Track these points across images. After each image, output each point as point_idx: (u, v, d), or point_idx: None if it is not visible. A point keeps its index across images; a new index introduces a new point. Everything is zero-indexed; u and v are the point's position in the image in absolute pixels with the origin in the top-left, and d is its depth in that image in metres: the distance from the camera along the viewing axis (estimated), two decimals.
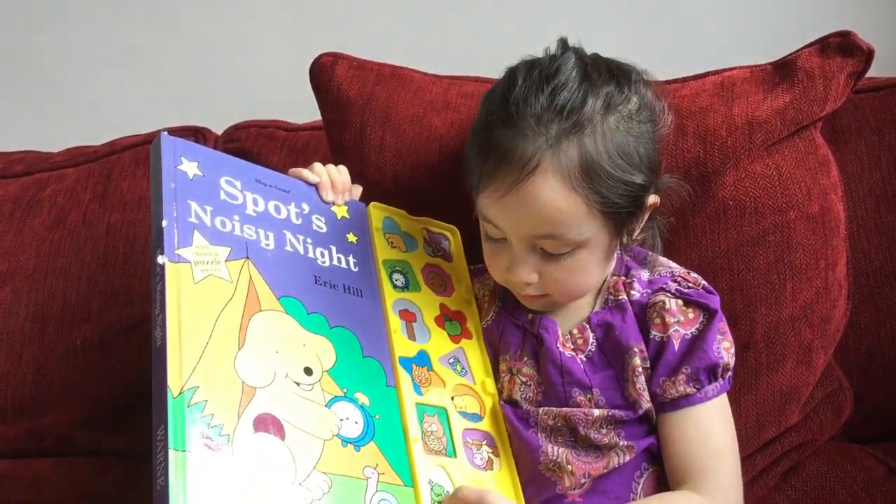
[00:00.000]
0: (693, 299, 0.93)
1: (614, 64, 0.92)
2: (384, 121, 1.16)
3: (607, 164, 0.84)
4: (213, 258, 0.84)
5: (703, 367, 0.90)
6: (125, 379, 1.31)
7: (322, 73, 1.22)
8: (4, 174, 1.51)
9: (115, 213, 1.39)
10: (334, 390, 0.84)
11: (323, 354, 0.86)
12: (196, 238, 0.85)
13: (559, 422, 0.91)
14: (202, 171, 0.91)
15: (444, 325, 0.99)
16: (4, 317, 1.35)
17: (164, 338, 0.76)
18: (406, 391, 0.90)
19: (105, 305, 1.33)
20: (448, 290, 1.04)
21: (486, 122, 0.90)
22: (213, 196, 0.90)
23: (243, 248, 0.88)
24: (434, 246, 1.08)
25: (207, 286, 0.82)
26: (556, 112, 0.84)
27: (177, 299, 0.78)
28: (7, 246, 1.40)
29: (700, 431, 0.90)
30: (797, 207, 1.06)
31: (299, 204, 0.99)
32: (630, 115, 0.88)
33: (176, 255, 0.82)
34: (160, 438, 0.71)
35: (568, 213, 0.85)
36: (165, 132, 0.92)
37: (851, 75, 1.08)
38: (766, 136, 1.06)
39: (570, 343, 0.95)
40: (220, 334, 0.79)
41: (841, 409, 1.15)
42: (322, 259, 0.95)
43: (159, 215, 0.84)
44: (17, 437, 1.33)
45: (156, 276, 0.81)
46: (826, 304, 1.07)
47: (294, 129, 1.48)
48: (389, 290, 0.98)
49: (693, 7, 1.61)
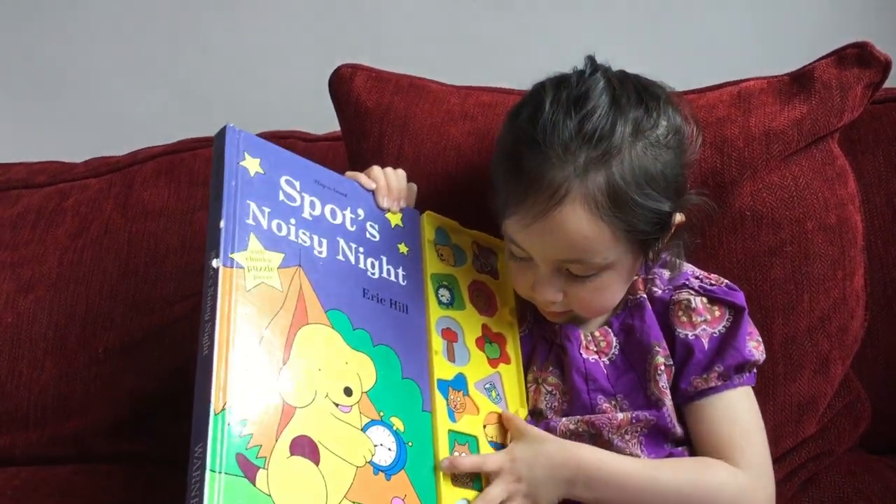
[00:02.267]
0: (718, 297, 0.94)
1: (642, 85, 0.90)
2: (402, 131, 1.17)
3: (635, 193, 0.84)
4: (266, 264, 0.81)
5: (735, 364, 0.91)
6: (146, 386, 1.32)
7: (341, 83, 1.23)
8: (28, 184, 1.53)
9: (136, 223, 1.40)
10: (371, 413, 0.82)
11: (364, 374, 0.84)
12: (252, 242, 0.82)
13: (581, 427, 0.92)
14: (264, 169, 0.87)
15: (485, 347, 0.97)
16: (27, 325, 1.37)
17: (212, 348, 0.73)
18: (440, 417, 0.87)
19: (126, 314, 1.35)
20: (491, 309, 1.01)
21: (513, 146, 0.89)
22: (272, 196, 0.87)
23: (296, 254, 0.85)
24: (482, 261, 1.04)
25: (259, 295, 0.79)
26: (584, 140, 0.83)
27: (228, 307, 0.76)
28: (30, 255, 1.42)
29: (729, 412, 0.92)
30: (814, 218, 1.06)
31: (355, 209, 0.95)
32: (657, 140, 0.87)
33: (230, 259, 0.79)
34: (198, 455, 0.70)
35: (594, 241, 0.85)
36: (232, 124, 0.87)
37: (868, 86, 1.08)
38: (783, 146, 1.06)
39: (592, 346, 0.96)
40: (267, 348, 0.77)
41: (858, 419, 1.14)
42: (372, 270, 0.92)
43: (217, 214, 0.81)
44: (40, 444, 1.34)
45: (208, 280, 0.78)
46: (844, 315, 1.07)
47: (313, 140, 1.49)
48: (434, 307, 0.95)
49: (710, 18, 1.61)
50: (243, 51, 1.76)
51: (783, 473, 1.08)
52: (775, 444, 1.05)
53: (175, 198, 1.42)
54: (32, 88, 1.85)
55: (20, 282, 1.40)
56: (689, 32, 1.61)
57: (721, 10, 1.61)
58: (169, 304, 1.34)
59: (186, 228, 1.38)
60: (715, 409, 0.92)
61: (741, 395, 0.93)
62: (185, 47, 1.79)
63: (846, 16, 1.55)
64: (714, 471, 0.88)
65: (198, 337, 0.76)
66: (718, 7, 1.61)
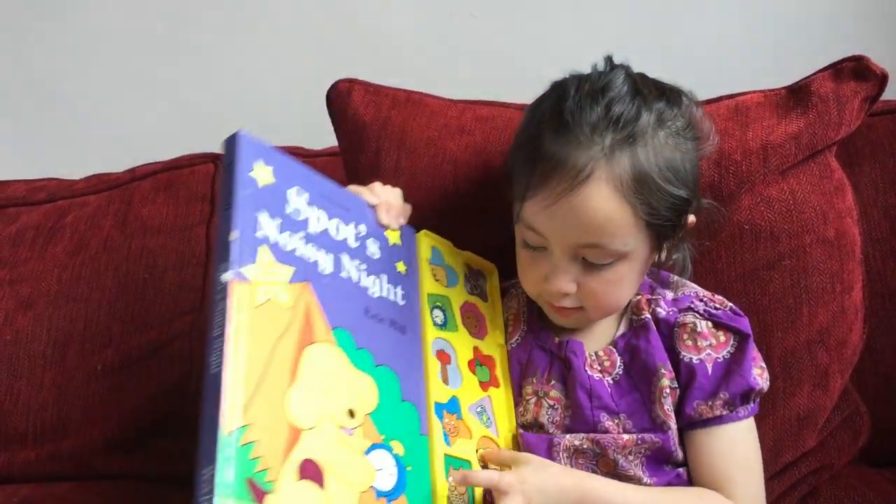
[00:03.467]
0: (723, 322, 0.94)
1: (661, 83, 0.93)
2: (399, 145, 1.17)
3: (657, 177, 0.86)
4: (276, 278, 0.78)
5: (740, 392, 0.91)
6: (145, 403, 1.32)
7: (338, 98, 1.24)
8: (27, 201, 1.53)
9: (135, 240, 1.40)
10: (374, 436, 0.81)
11: (366, 395, 0.82)
12: (262, 255, 0.78)
13: (586, 444, 0.92)
14: (275, 178, 0.83)
15: (475, 369, 0.96)
16: (26, 342, 1.36)
17: (222, 365, 0.70)
18: (437, 441, 0.86)
19: (125, 330, 1.34)
20: (481, 331, 1.00)
21: (536, 131, 0.90)
22: (281, 208, 0.83)
23: (304, 270, 0.82)
24: (472, 283, 1.04)
25: (268, 310, 0.76)
26: (611, 122, 0.85)
27: (238, 324, 0.72)
28: (29, 272, 1.42)
29: (730, 445, 0.92)
30: (813, 231, 1.06)
31: (358, 225, 0.92)
32: (678, 131, 0.89)
33: (241, 273, 0.75)
34: (206, 479, 0.66)
35: (616, 223, 0.85)
36: (245, 131, 0.82)
37: (865, 99, 1.08)
38: (780, 160, 1.06)
39: (597, 365, 0.95)
40: (276, 366, 0.74)
41: (858, 433, 1.14)
42: (373, 288, 0.90)
43: (229, 225, 0.77)
44: (38, 461, 1.34)
45: (217, 294, 0.74)
46: (842, 328, 1.07)
47: (311, 155, 1.49)
48: (430, 328, 0.94)
49: (707, 31, 1.61)
50: (241, 66, 1.77)
51: (783, 487, 1.08)
52: (775, 458, 1.06)
53: (174, 214, 1.42)
54: (31, 105, 1.85)
55: (19, 299, 1.40)
56: (685, 46, 1.61)
57: (718, 23, 1.61)
58: (168, 321, 1.34)
59: (185, 245, 1.38)
60: (718, 442, 0.92)
61: (744, 428, 0.93)
62: (184, 64, 1.79)
63: (843, 29, 1.56)
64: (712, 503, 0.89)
65: (196, 354, 0.74)
66: (715, 20, 1.61)
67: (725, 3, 1.61)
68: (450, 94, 1.25)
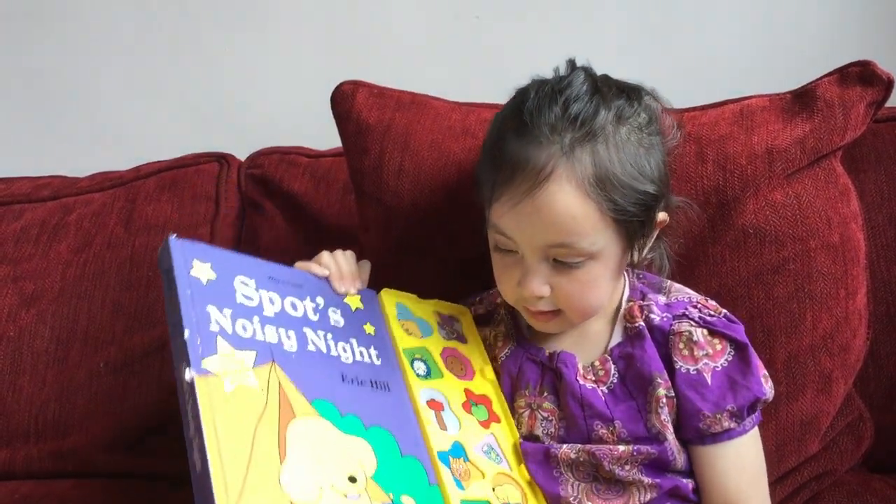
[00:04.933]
0: (719, 330, 0.93)
1: (622, 82, 0.93)
2: (403, 146, 1.17)
3: (620, 173, 0.86)
4: (239, 365, 0.78)
5: (748, 404, 0.91)
6: (148, 401, 1.32)
7: (343, 100, 1.24)
8: (32, 199, 1.53)
9: (139, 238, 1.40)
10: (381, 497, 0.78)
11: (364, 459, 0.81)
12: (220, 345, 0.78)
13: (582, 455, 0.91)
14: (216, 273, 0.85)
15: (472, 410, 0.95)
16: (29, 339, 1.37)
17: (205, 462, 0.68)
18: (450, 489, 0.85)
19: (128, 328, 1.35)
20: (468, 373, 0.99)
21: (497, 135, 0.91)
22: (230, 299, 0.84)
23: (268, 351, 0.82)
24: (447, 329, 1.03)
25: (239, 397, 0.75)
26: (569, 121, 0.85)
27: (212, 418, 0.71)
28: (33, 269, 1.42)
29: (740, 461, 0.92)
30: (817, 236, 1.05)
31: (314, 298, 0.93)
32: (640, 126, 0.89)
33: (203, 368, 0.74)
34: None
35: (581, 221, 0.85)
36: (174, 236, 0.84)
37: (871, 104, 1.08)
38: (786, 164, 1.06)
39: (591, 375, 0.95)
40: (262, 450, 0.73)
41: (861, 438, 1.14)
42: (345, 355, 0.90)
43: (179, 326, 0.77)
44: (40, 459, 1.34)
45: (184, 395, 0.74)
46: (846, 334, 1.07)
47: (316, 156, 1.49)
48: (414, 380, 0.93)
49: (712, 35, 1.61)
50: (246, 66, 1.77)
51: (785, 492, 1.08)
52: (778, 463, 1.05)
53: (178, 212, 1.43)
54: (36, 103, 1.85)
55: (23, 296, 1.40)
56: (691, 50, 1.61)
57: (723, 27, 1.61)
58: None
59: None
60: (727, 458, 0.92)
61: (750, 439, 0.93)
62: (189, 63, 1.79)
63: (849, 34, 1.55)
64: None
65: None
66: (721, 25, 1.61)
67: (731, 6, 1.61)
68: (454, 97, 1.25)
